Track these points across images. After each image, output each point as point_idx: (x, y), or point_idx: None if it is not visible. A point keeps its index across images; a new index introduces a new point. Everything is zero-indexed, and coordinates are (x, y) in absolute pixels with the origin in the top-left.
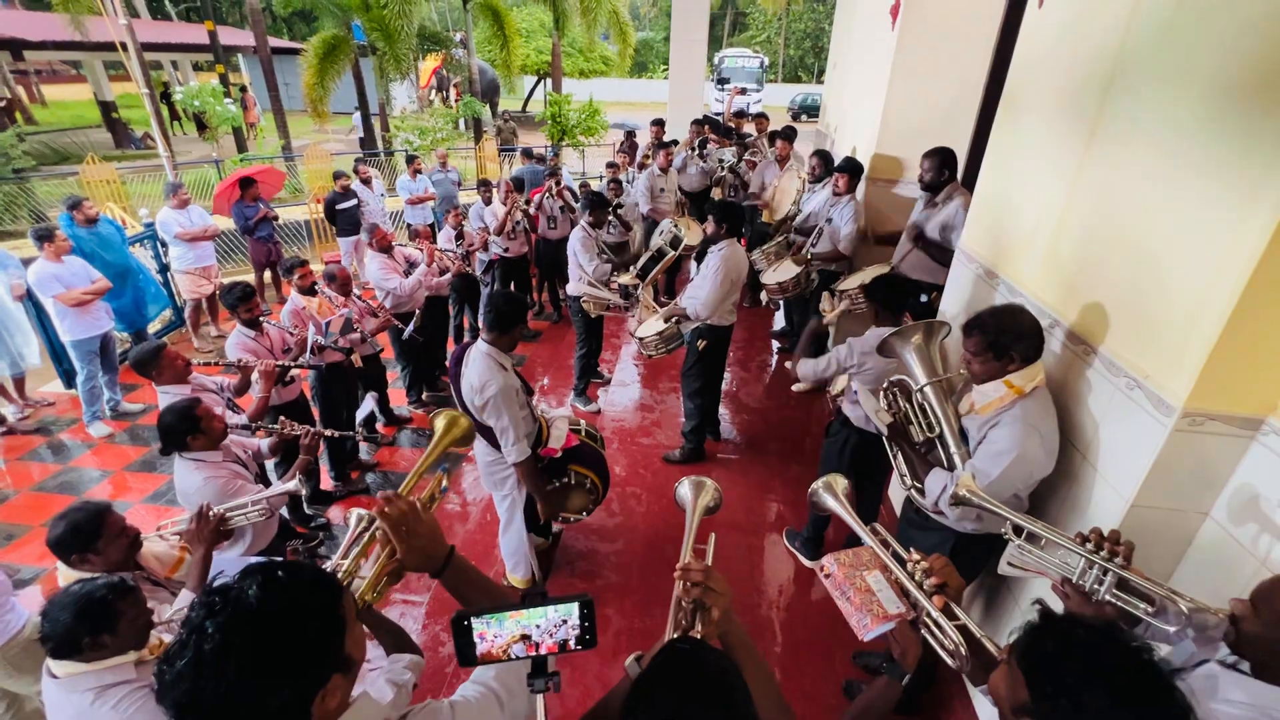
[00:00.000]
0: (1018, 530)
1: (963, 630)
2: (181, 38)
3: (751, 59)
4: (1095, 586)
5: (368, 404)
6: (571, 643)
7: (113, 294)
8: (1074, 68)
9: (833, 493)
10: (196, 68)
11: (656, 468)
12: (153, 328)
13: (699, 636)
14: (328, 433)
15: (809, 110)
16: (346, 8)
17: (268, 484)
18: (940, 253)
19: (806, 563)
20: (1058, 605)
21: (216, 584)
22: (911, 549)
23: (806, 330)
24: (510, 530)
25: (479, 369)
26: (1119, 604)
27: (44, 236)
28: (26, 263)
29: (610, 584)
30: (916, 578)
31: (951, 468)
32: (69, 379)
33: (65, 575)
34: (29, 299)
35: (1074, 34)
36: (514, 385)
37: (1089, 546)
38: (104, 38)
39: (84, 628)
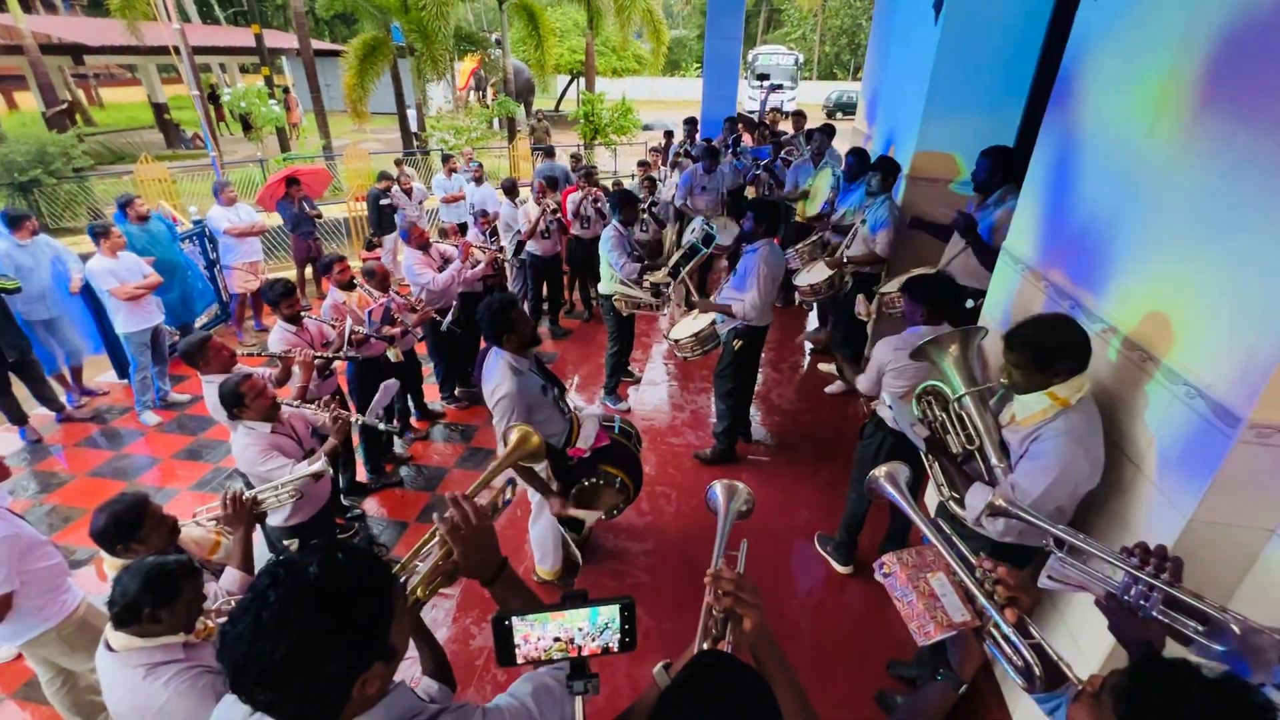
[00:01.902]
0: (1059, 543)
1: (1037, 649)
2: (229, 41)
3: (786, 56)
4: (1141, 603)
5: (386, 393)
6: (614, 646)
7: (162, 289)
8: (1132, 59)
9: (894, 482)
10: (243, 69)
11: (687, 467)
12: (199, 322)
13: (729, 647)
14: (354, 419)
15: (844, 108)
16: (386, 9)
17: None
18: (989, 255)
19: (839, 568)
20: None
21: (283, 557)
22: (981, 553)
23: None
24: (540, 522)
25: (492, 372)
26: (1167, 622)
27: (100, 233)
28: (84, 258)
29: (640, 584)
30: (986, 586)
31: (992, 482)
32: (122, 370)
33: (110, 564)
34: (85, 292)
35: (1133, 24)
36: (531, 387)
37: (1134, 561)
38: (158, 42)
39: (148, 598)
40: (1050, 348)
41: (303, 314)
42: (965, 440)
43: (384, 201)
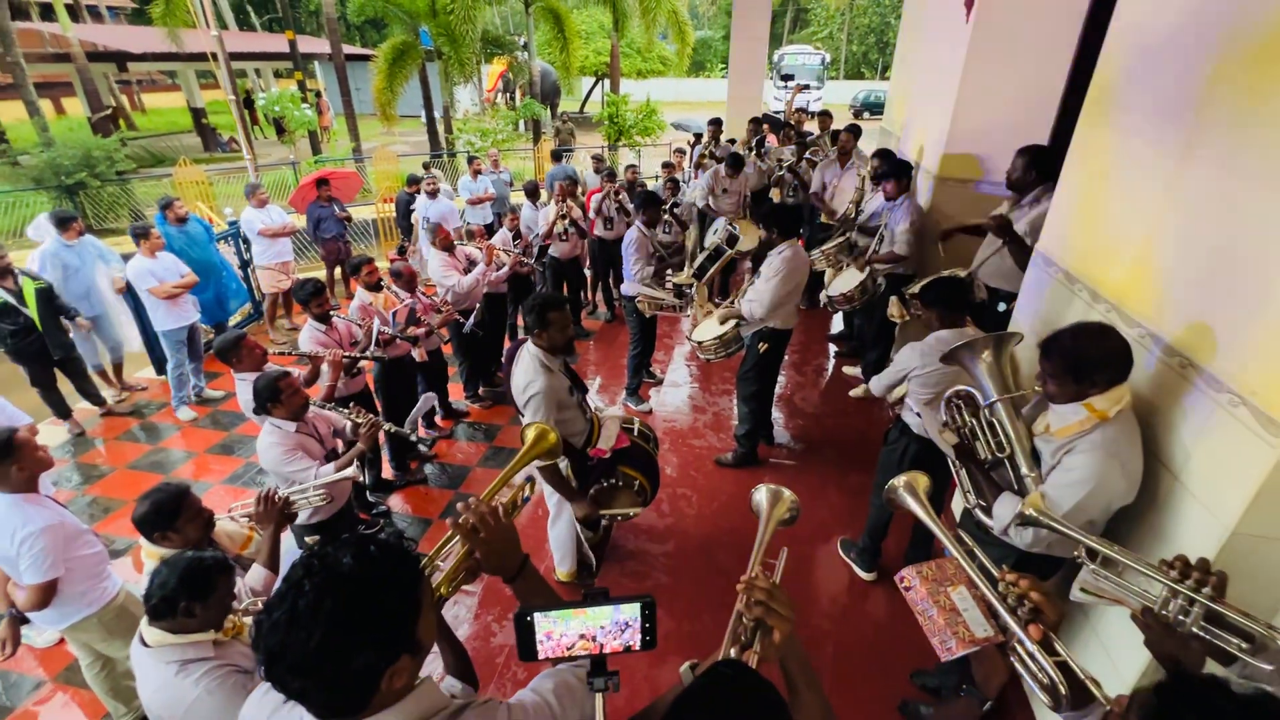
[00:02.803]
0: (1092, 554)
1: (1062, 667)
2: (264, 47)
3: (812, 56)
4: (1180, 618)
5: (425, 403)
6: (635, 645)
7: (197, 288)
8: (1174, 57)
9: (914, 493)
10: (277, 74)
11: (708, 470)
12: (232, 321)
13: (757, 657)
14: (386, 426)
15: (871, 107)
16: (415, 14)
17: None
18: (1025, 256)
19: (862, 575)
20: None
21: (317, 549)
22: (1004, 565)
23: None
24: (559, 523)
25: (524, 368)
26: (1208, 639)
27: (141, 234)
28: (126, 258)
29: (660, 585)
30: (1010, 600)
31: (1021, 491)
32: (160, 366)
33: (149, 551)
34: (127, 291)
35: (1175, 20)
36: (560, 386)
37: (1173, 574)
38: (197, 48)
39: (183, 592)
40: (1089, 358)
41: (332, 313)
42: (995, 448)
43: (412, 206)
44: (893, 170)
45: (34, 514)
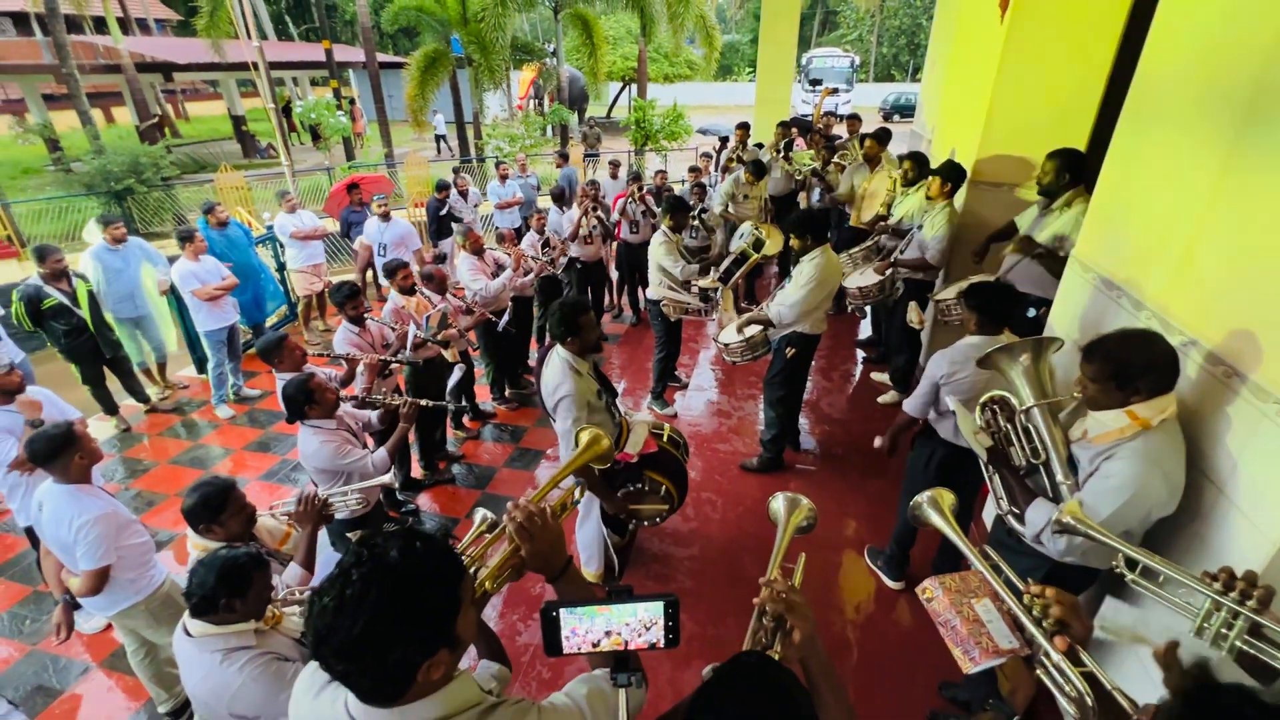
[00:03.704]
0: (1131, 564)
1: (1089, 678)
2: (302, 56)
3: (841, 58)
4: (1223, 631)
5: (455, 374)
6: (660, 643)
7: (237, 290)
8: (1219, 57)
9: (938, 508)
10: (313, 83)
11: (733, 475)
12: (269, 322)
13: (777, 656)
14: (423, 402)
15: (902, 110)
16: (446, 22)
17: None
18: (1055, 263)
19: (889, 583)
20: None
21: (368, 539)
22: (1029, 579)
23: (896, 426)
24: (587, 524)
25: (554, 372)
26: (1254, 654)
27: (185, 238)
28: (170, 260)
29: (684, 589)
30: (1035, 612)
31: (1057, 498)
32: (200, 365)
33: (194, 542)
34: (171, 293)
35: (1220, 19)
36: (589, 390)
37: (1217, 586)
38: (238, 58)
39: (222, 589)
40: (1133, 365)
41: (366, 315)
42: (1030, 454)
43: (442, 212)
44: (944, 170)
45: (89, 503)
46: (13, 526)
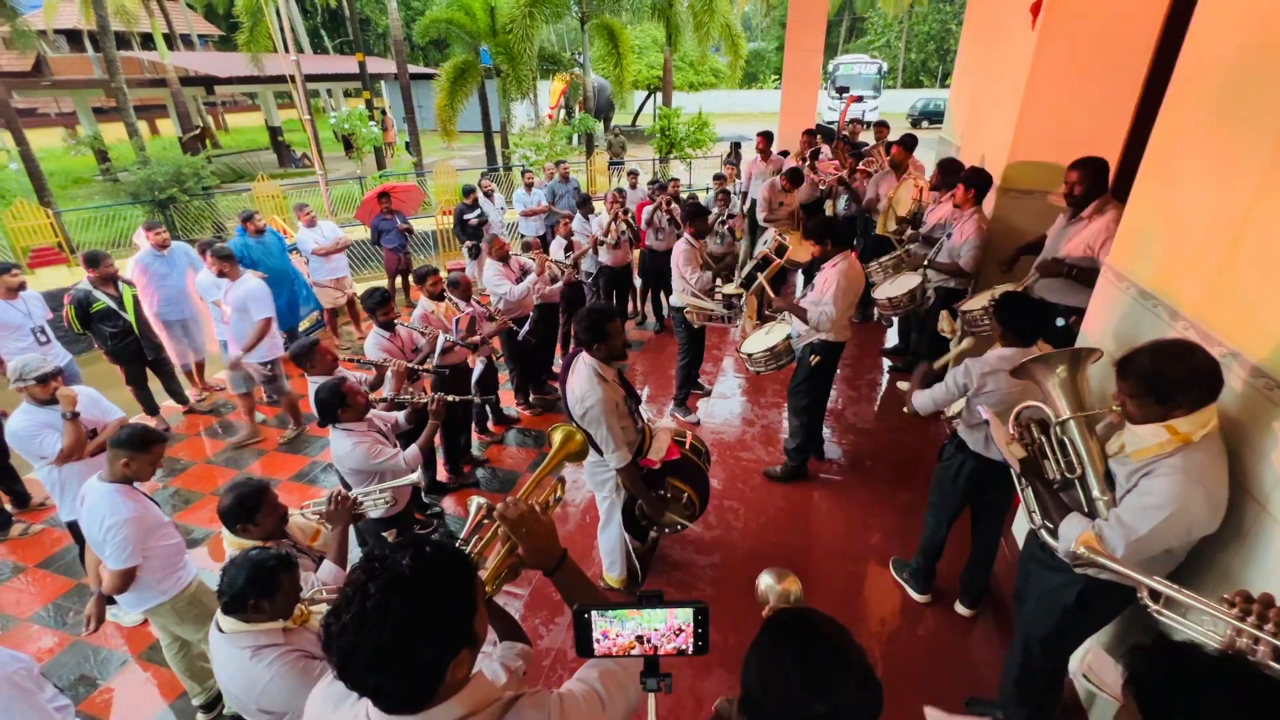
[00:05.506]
0: (1154, 595)
1: None
2: (336, 68)
3: (869, 65)
4: (1249, 657)
5: (477, 368)
6: (689, 649)
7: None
8: (1261, 60)
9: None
10: (346, 94)
11: (756, 483)
12: (301, 326)
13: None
14: (451, 397)
15: (930, 116)
16: (475, 34)
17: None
18: (1083, 272)
19: (915, 596)
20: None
21: (375, 552)
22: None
23: (918, 371)
24: (609, 529)
25: (580, 380)
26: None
27: (208, 249)
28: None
29: (705, 597)
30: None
31: (1092, 514)
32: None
33: (229, 540)
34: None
35: (1261, 20)
36: (616, 396)
37: (1234, 611)
38: (276, 71)
39: (251, 590)
40: (1171, 378)
41: (396, 321)
42: (1065, 468)
43: (467, 217)
44: (971, 177)
45: (123, 505)
46: (57, 521)
